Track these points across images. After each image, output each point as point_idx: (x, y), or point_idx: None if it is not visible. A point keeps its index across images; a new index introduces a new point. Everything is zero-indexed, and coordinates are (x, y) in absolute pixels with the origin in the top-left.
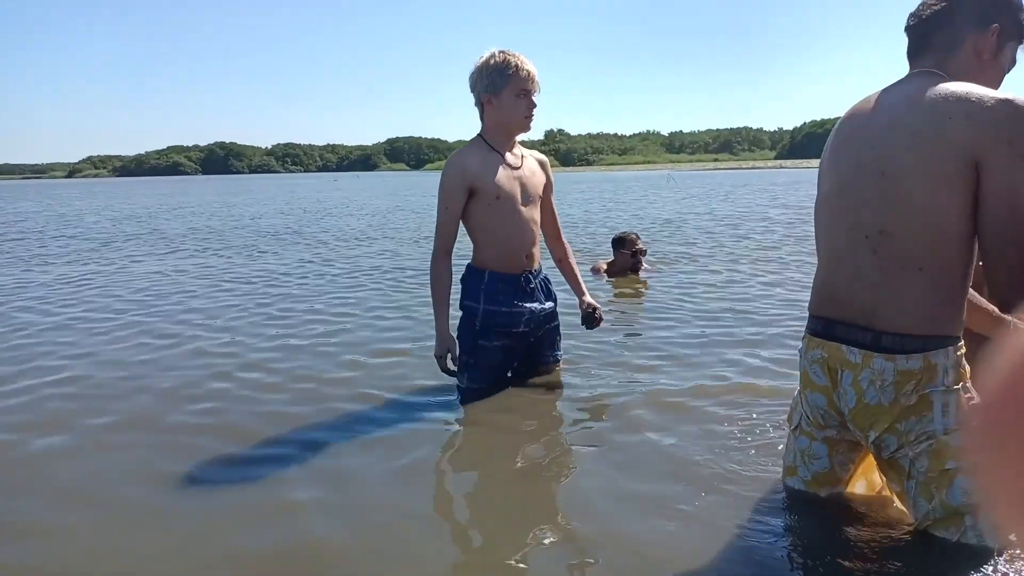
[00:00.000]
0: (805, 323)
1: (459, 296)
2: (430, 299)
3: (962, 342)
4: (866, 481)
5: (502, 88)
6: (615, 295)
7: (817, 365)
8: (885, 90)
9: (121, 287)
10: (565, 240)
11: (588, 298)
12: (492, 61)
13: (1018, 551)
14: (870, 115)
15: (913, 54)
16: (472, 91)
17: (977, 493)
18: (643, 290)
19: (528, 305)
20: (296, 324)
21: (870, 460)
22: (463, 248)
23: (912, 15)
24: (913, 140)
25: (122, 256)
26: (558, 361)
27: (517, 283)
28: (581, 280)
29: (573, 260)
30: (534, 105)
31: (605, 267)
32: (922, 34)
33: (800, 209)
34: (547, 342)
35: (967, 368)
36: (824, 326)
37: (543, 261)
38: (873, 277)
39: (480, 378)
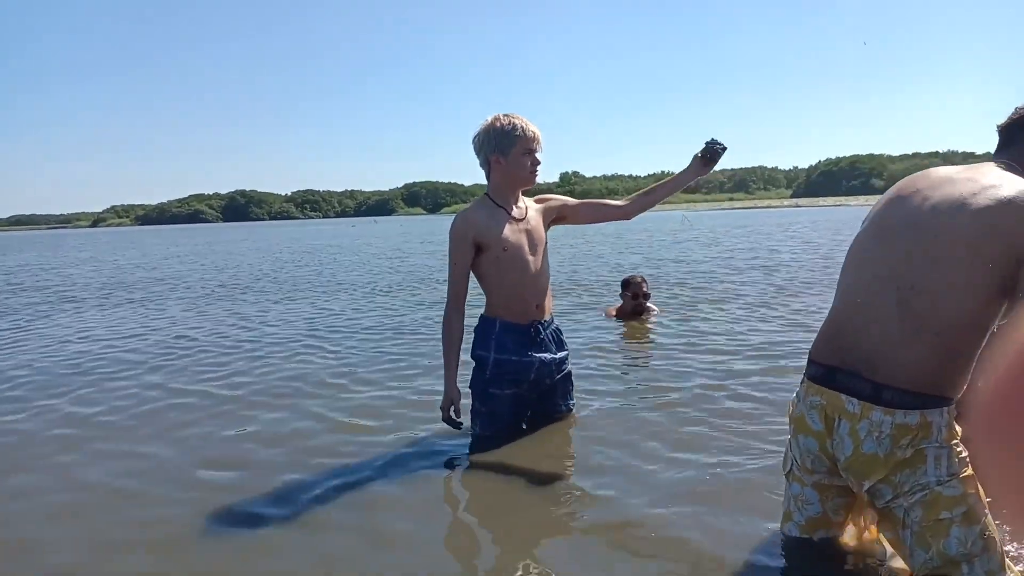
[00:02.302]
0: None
1: (471, 345)
2: (441, 350)
3: (954, 404)
4: (855, 527)
5: (510, 148)
6: (623, 337)
7: (815, 411)
8: (968, 167)
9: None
10: (621, 199)
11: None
12: (499, 124)
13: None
14: (945, 181)
15: (1000, 148)
16: (478, 153)
17: (973, 542)
18: (649, 332)
19: (538, 355)
20: (309, 367)
21: (860, 503)
22: (477, 300)
23: (1012, 116)
24: (975, 219)
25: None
26: (570, 410)
27: (527, 333)
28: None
29: (647, 188)
30: (538, 162)
31: (615, 312)
32: (1014, 132)
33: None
34: (559, 392)
35: (957, 429)
36: (825, 373)
37: (555, 306)
38: (890, 328)
39: (492, 426)
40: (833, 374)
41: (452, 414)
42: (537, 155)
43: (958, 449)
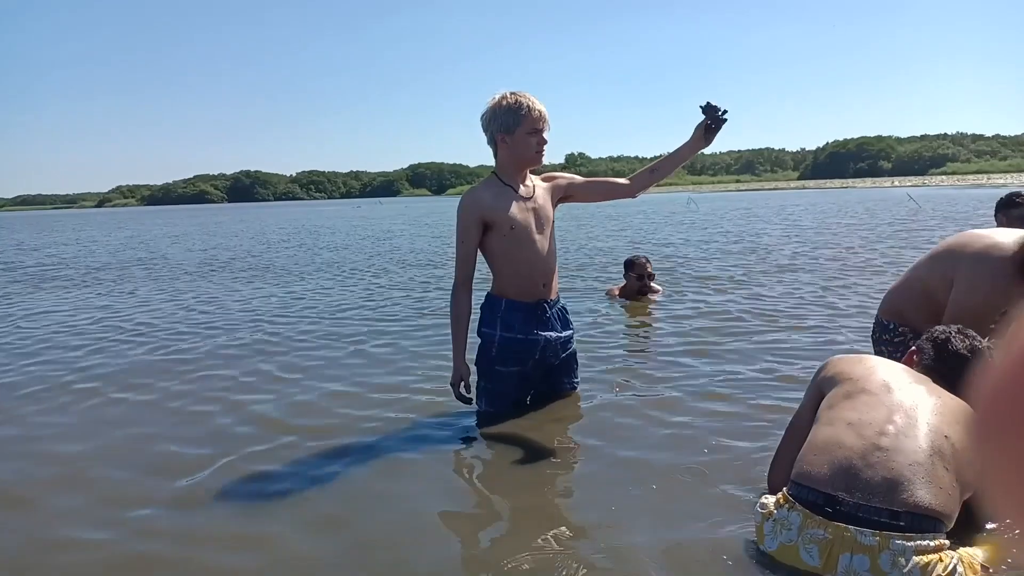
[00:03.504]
0: (790, 488)
1: (477, 323)
2: (448, 330)
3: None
4: None
5: (515, 127)
6: (627, 318)
7: (815, 545)
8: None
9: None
10: (626, 178)
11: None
12: (504, 103)
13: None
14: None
15: (947, 376)
16: (485, 131)
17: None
18: (653, 312)
19: (544, 333)
20: (317, 345)
21: None
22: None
23: (956, 342)
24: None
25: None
26: (575, 388)
27: (533, 312)
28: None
29: (652, 164)
30: (544, 141)
31: (617, 292)
32: (959, 375)
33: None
34: (564, 370)
35: None
36: (827, 502)
37: (561, 291)
38: (917, 463)
39: (497, 403)
40: (837, 504)
41: (462, 390)
42: (544, 134)
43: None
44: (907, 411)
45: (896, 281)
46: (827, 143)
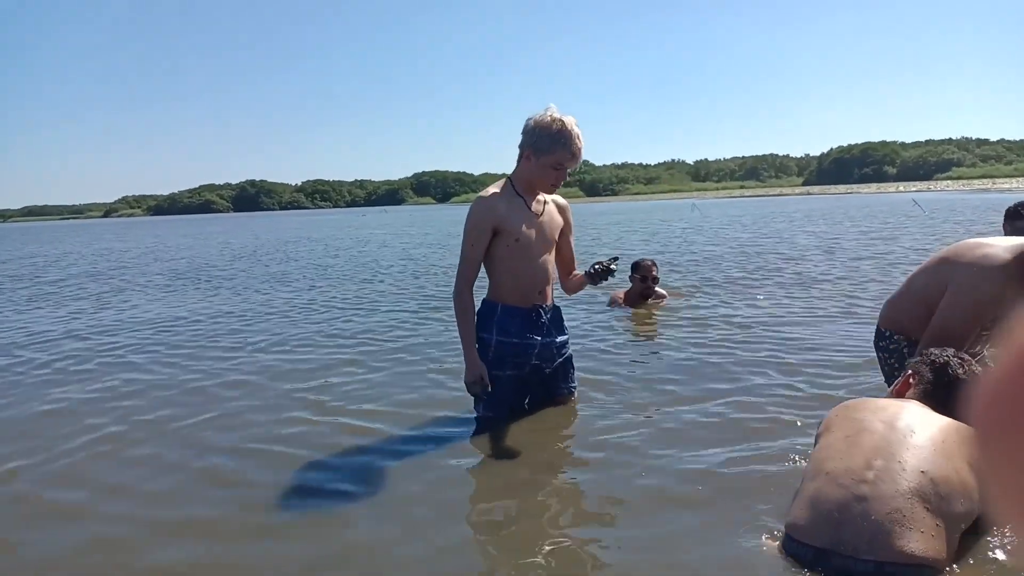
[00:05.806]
0: (783, 537)
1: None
2: (438, 334)
3: None
4: None
5: (544, 153)
6: (631, 324)
7: None
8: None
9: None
10: (573, 274)
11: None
12: (553, 127)
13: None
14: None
15: (945, 401)
16: (522, 135)
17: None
18: (657, 318)
19: (539, 338)
20: (299, 354)
21: None
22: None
23: (955, 368)
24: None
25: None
26: (572, 393)
27: (528, 316)
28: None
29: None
30: (563, 178)
31: (622, 296)
32: (949, 395)
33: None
34: (560, 374)
35: None
36: (816, 556)
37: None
38: (898, 512)
39: (494, 408)
40: (826, 557)
41: (482, 385)
42: (567, 171)
43: None
44: (886, 453)
45: (895, 291)
46: (832, 148)
